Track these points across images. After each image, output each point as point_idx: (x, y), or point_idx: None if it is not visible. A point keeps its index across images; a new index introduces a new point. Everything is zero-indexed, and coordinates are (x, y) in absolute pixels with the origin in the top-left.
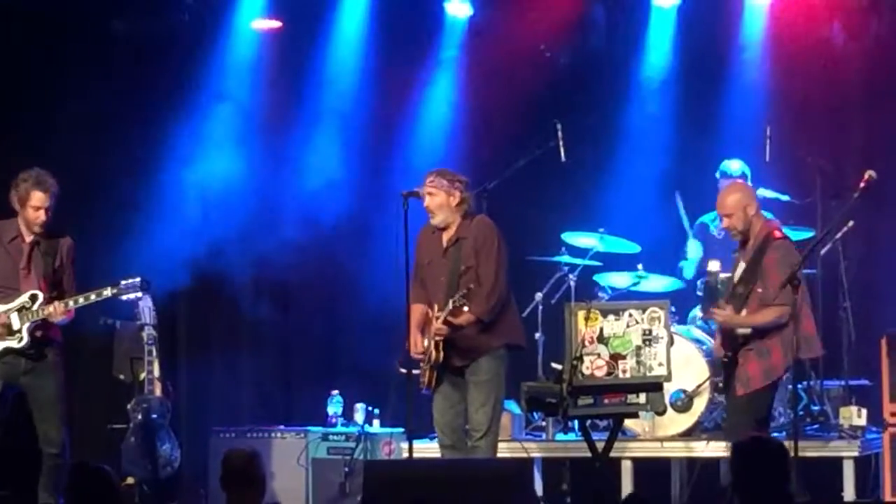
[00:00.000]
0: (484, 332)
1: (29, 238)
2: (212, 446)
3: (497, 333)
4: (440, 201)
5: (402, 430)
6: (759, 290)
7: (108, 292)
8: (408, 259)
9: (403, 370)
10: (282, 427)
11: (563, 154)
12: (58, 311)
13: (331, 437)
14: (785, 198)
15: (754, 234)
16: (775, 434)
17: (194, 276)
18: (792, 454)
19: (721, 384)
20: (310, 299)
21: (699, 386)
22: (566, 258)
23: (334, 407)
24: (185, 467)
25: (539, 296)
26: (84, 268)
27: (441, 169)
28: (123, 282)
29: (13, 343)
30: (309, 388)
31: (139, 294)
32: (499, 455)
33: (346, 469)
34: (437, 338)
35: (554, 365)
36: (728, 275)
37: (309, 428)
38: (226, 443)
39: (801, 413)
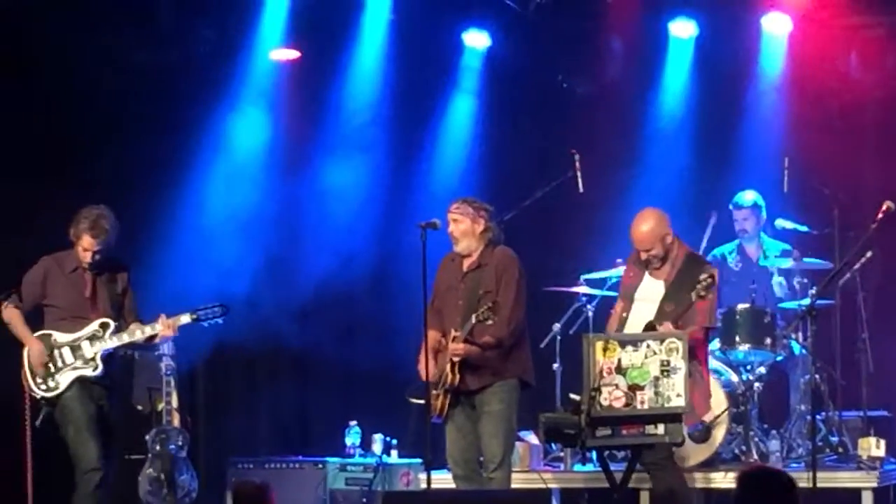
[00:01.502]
0: (500, 358)
1: (87, 267)
2: (229, 477)
3: (512, 362)
4: (465, 228)
5: (420, 460)
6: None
7: (186, 318)
8: (426, 289)
9: (413, 399)
10: (299, 457)
11: (580, 185)
12: (168, 326)
13: (349, 467)
14: (803, 228)
15: (672, 255)
16: (793, 465)
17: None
18: (810, 485)
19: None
20: (328, 329)
21: (717, 417)
22: (584, 289)
23: (352, 437)
24: (202, 498)
25: (557, 326)
26: None
27: (467, 197)
28: (203, 309)
29: (88, 371)
30: (326, 418)
31: (220, 320)
32: (517, 486)
33: (364, 500)
34: (455, 358)
35: (572, 396)
36: (746, 305)
37: (327, 458)
38: (243, 473)
39: (819, 444)
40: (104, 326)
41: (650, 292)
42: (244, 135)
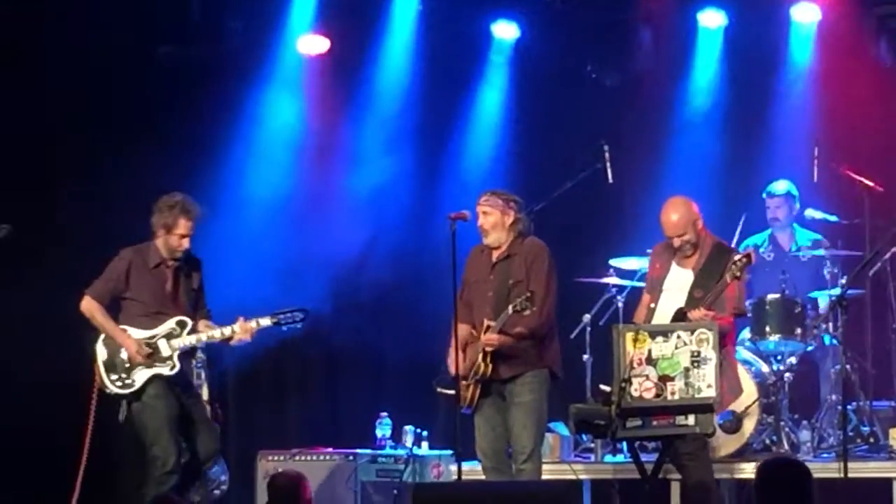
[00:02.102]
0: (532, 348)
1: (171, 263)
2: (260, 469)
3: (544, 353)
4: (494, 220)
5: (451, 452)
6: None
7: (266, 321)
8: (455, 281)
9: (441, 390)
10: (330, 450)
11: (609, 176)
12: (245, 330)
13: (379, 459)
14: (833, 218)
15: (702, 242)
16: (824, 455)
17: (242, 299)
18: (842, 475)
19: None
20: (358, 321)
21: (748, 407)
22: (614, 279)
23: (383, 429)
24: (233, 490)
25: (587, 317)
26: None
27: (496, 189)
28: (283, 313)
29: (164, 370)
30: (357, 410)
31: (299, 325)
32: (548, 477)
33: (395, 492)
34: (488, 348)
35: (602, 387)
36: (776, 295)
37: (357, 451)
38: (274, 465)
39: (850, 434)
40: (181, 324)
41: (678, 282)
42: (272, 128)
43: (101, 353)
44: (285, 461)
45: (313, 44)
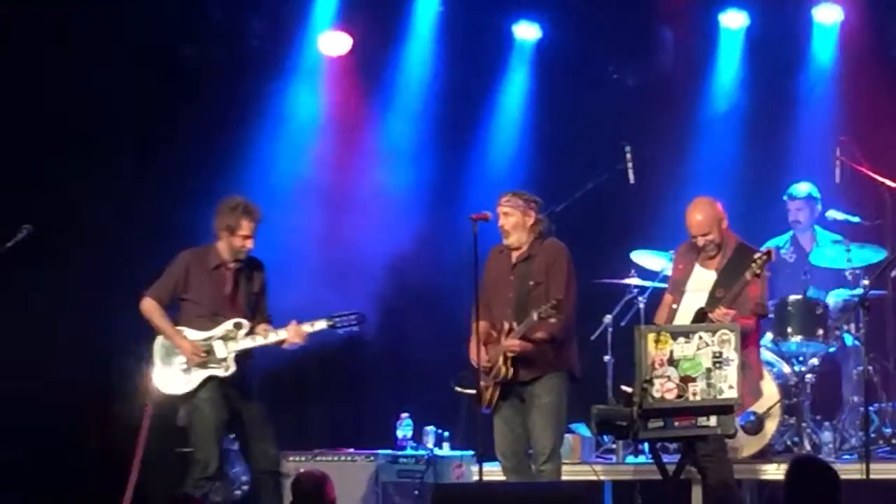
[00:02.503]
0: (552, 350)
1: (232, 265)
2: (281, 470)
3: (564, 354)
4: (515, 221)
5: (471, 453)
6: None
7: (322, 324)
8: (477, 281)
9: (459, 389)
10: (351, 450)
11: (631, 177)
12: (297, 333)
13: (400, 460)
14: (855, 219)
15: (725, 243)
16: (846, 456)
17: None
18: (864, 476)
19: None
20: (380, 321)
21: (770, 408)
22: (636, 280)
23: (404, 430)
24: (254, 491)
25: (608, 318)
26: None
27: (516, 190)
28: (339, 316)
29: (220, 371)
30: (378, 410)
31: (355, 328)
32: (568, 478)
33: (416, 492)
34: (510, 354)
35: (624, 388)
36: (798, 297)
37: (379, 451)
38: (295, 466)
39: (872, 435)
40: (238, 326)
41: (701, 283)
42: (294, 128)
43: (158, 353)
44: (307, 461)
45: (335, 42)
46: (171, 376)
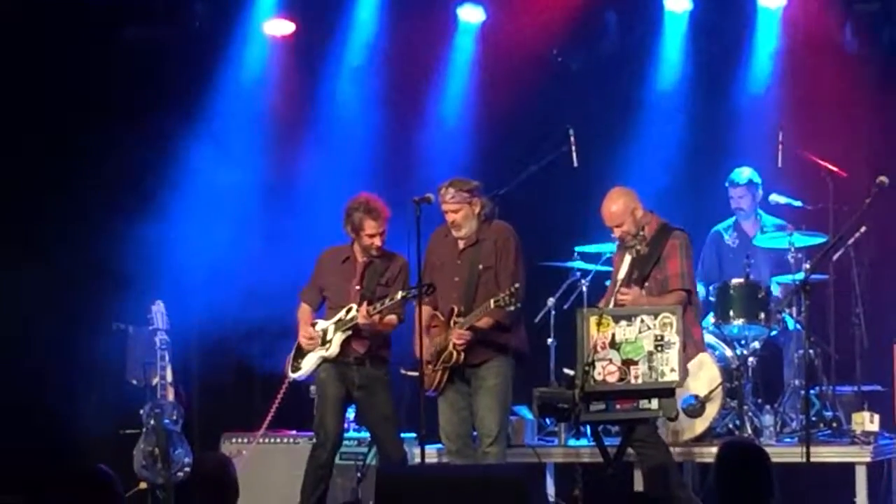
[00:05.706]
0: (502, 332)
1: (362, 259)
2: (224, 450)
3: (513, 336)
4: (465, 213)
5: (414, 435)
6: (658, 276)
7: (399, 296)
8: (420, 264)
9: (404, 371)
10: (294, 432)
11: (575, 159)
12: (362, 314)
13: (343, 442)
14: (797, 203)
15: (646, 228)
16: (787, 439)
17: (206, 283)
18: (804, 460)
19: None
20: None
21: (712, 391)
22: (579, 263)
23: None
24: None
25: (551, 301)
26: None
27: (453, 180)
28: (414, 288)
29: (323, 352)
30: None
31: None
32: (511, 460)
33: (359, 475)
34: (460, 345)
35: (566, 371)
36: (740, 280)
37: None
38: (237, 447)
39: (813, 418)
40: (349, 311)
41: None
42: (235, 114)
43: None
44: (249, 443)
45: (279, 27)
46: (295, 362)
